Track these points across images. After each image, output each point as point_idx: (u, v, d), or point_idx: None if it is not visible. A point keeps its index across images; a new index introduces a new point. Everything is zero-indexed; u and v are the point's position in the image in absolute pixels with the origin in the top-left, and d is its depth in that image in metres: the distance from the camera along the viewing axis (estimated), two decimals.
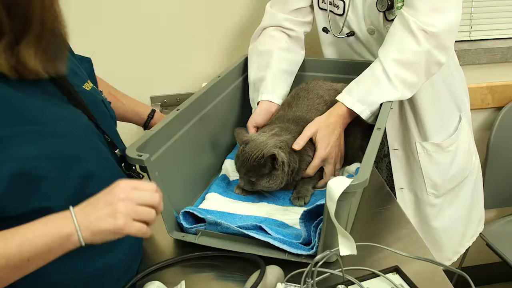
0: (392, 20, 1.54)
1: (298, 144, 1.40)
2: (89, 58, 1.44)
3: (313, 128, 1.44)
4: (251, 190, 1.43)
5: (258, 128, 1.56)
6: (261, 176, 1.37)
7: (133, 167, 1.27)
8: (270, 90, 1.63)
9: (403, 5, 1.51)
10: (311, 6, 1.77)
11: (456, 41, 2.33)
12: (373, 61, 1.53)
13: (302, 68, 1.81)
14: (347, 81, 1.57)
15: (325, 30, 1.76)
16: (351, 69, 1.69)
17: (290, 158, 1.39)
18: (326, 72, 1.81)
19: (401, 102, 1.69)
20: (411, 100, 1.67)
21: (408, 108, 1.70)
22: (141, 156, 1.18)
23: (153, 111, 1.64)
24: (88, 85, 1.22)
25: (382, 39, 1.56)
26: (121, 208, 0.92)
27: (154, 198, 0.99)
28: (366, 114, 1.45)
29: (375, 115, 1.45)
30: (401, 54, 1.46)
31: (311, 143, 1.45)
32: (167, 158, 1.32)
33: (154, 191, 0.99)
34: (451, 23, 1.48)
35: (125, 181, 0.97)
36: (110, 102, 1.34)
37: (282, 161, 1.35)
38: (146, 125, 1.64)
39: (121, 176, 1.19)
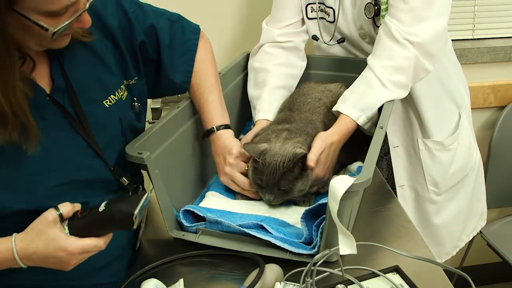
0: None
1: (313, 161, 1.33)
2: (196, 28, 1.47)
3: (323, 144, 1.38)
4: (278, 203, 1.36)
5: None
6: (293, 181, 1.32)
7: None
8: (267, 108, 1.64)
9: (386, 13, 1.51)
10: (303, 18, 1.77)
11: (458, 40, 2.35)
12: None
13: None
14: (348, 79, 1.57)
15: (315, 38, 1.77)
16: (352, 67, 1.68)
17: None
18: (326, 70, 1.82)
19: (402, 100, 1.69)
20: (411, 98, 1.67)
21: (409, 105, 1.70)
22: (141, 154, 1.18)
23: (211, 130, 1.41)
24: (112, 98, 1.21)
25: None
26: (71, 266, 1.04)
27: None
28: (362, 120, 1.44)
29: (372, 121, 1.45)
30: (391, 60, 1.46)
31: None
32: (167, 156, 1.32)
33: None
34: (435, 32, 1.47)
35: (71, 247, 1.01)
36: (140, 115, 1.31)
37: None
38: (203, 138, 1.46)
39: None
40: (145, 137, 1.25)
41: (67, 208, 1.03)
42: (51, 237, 0.99)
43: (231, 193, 1.42)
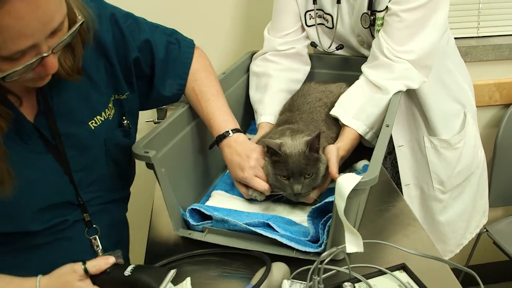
0: None
1: (336, 172, 1.31)
2: (190, 42, 1.45)
3: (338, 157, 1.35)
4: (305, 195, 1.32)
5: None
6: (316, 165, 1.30)
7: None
8: (269, 112, 1.65)
9: (381, 28, 1.53)
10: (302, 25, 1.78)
11: (463, 38, 2.35)
12: None
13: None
14: (351, 78, 1.57)
15: (313, 45, 1.78)
16: (356, 65, 1.68)
17: None
18: (329, 69, 1.83)
19: (406, 99, 1.69)
20: (415, 97, 1.67)
21: (413, 104, 1.70)
22: (147, 152, 1.18)
23: (225, 135, 1.37)
24: (98, 119, 1.20)
25: None
26: None
27: None
28: (363, 129, 1.45)
29: (374, 131, 1.47)
30: (391, 73, 1.48)
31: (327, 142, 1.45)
32: (173, 155, 1.32)
33: None
34: (429, 46, 1.49)
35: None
36: (129, 131, 1.30)
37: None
38: (212, 146, 1.42)
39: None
40: (151, 136, 1.26)
41: (92, 263, 1.06)
42: None
43: (237, 192, 1.42)
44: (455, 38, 1.77)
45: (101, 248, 1.23)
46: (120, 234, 1.37)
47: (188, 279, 1.12)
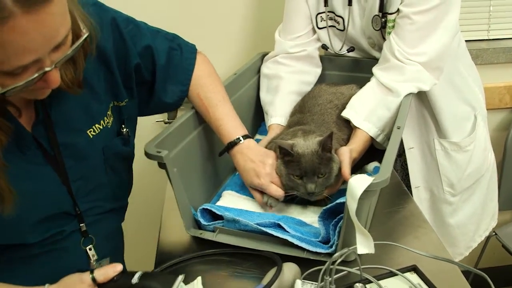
0: None
1: (348, 173, 1.31)
2: (192, 48, 1.42)
3: (350, 159, 1.36)
4: (318, 194, 1.31)
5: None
6: (329, 164, 1.30)
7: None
8: (279, 113, 1.65)
9: (392, 31, 1.53)
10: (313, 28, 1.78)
11: (474, 40, 2.34)
12: None
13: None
14: (362, 80, 1.58)
15: (324, 47, 1.78)
16: (367, 67, 1.68)
17: None
18: (341, 70, 1.83)
19: (416, 102, 1.69)
20: (426, 100, 1.67)
21: (424, 106, 1.70)
22: (160, 152, 1.19)
23: (236, 141, 1.36)
24: (97, 128, 1.18)
25: None
26: None
27: None
28: (374, 131, 1.46)
29: (385, 133, 1.47)
30: (402, 75, 1.49)
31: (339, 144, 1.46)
32: (185, 155, 1.33)
33: None
34: (441, 48, 1.50)
35: None
36: (128, 139, 1.28)
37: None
38: (222, 153, 1.42)
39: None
40: (163, 136, 1.26)
41: (100, 272, 1.06)
42: None
43: (248, 192, 1.43)
44: (465, 40, 1.77)
45: (96, 258, 1.22)
46: (115, 243, 1.35)
47: (199, 279, 1.12)
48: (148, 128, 2.17)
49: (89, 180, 1.18)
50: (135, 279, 1.05)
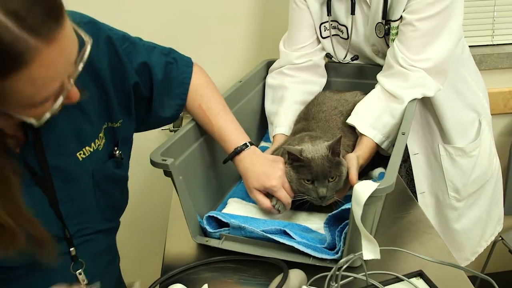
0: None
1: (356, 178, 1.33)
2: (188, 61, 1.41)
3: (358, 165, 1.37)
4: (329, 199, 1.31)
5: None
6: (339, 168, 1.31)
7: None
8: (284, 123, 1.66)
9: (396, 38, 1.53)
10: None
11: (478, 46, 2.35)
12: None
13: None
14: (367, 86, 1.58)
15: (328, 56, 1.79)
16: (372, 73, 1.69)
17: None
18: (345, 77, 1.84)
19: (420, 108, 1.70)
20: (430, 106, 1.67)
21: (428, 112, 1.70)
22: (165, 160, 1.20)
23: (243, 147, 1.36)
24: (87, 150, 1.15)
25: None
26: None
27: None
28: (379, 138, 1.46)
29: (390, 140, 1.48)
30: (406, 82, 1.49)
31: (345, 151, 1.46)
32: (190, 163, 1.34)
33: None
34: (444, 53, 1.50)
35: None
36: (121, 162, 1.25)
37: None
38: (228, 159, 1.39)
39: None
40: (168, 144, 1.27)
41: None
42: None
43: (253, 199, 1.43)
44: (469, 46, 1.78)
45: (86, 282, 1.19)
46: (106, 262, 1.30)
47: (206, 286, 1.13)
48: (153, 136, 2.17)
49: (78, 202, 1.15)
50: None
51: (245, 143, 1.36)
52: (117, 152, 1.24)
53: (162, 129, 2.22)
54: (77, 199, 1.15)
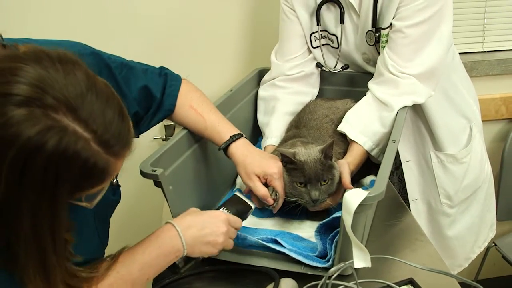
0: None
1: (349, 183, 1.33)
2: (177, 77, 1.42)
3: (350, 171, 1.37)
4: (322, 202, 1.32)
5: None
6: (331, 171, 1.32)
7: None
8: (274, 134, 1.66)
9: (386, 45, 1.54)
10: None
11: (469, 52, 2.36)
12: None
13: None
14: (359, 94, 1.58)
15: (319, 65, 1.79)
16: (363, 81, 1.69)
17: None
18: (337, 85, 1.83)
19: (412, 115, 1.70)
20: (421, 113, 1.68)
21: (419, 119, 1.71)
22: (155, 171, 1.19)
23: (239, 135, 1.39)
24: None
25: None
26: (220, 240, 1.14)
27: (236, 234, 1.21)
28: (369, 145, 1.47)
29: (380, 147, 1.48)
30: (396, 89, 1.49)
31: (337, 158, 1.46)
32: (181, 173, 1.33)
33: (239, 227, 1.21)
34: (435, 59, 1.50)
35: (223, 215, 1.18)
36: (118, 188, 1.28)
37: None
38: (226, 148, 1.38)
39: None
40: (158, 154, 1.26)
41: None
42: None
43: None
44: (460, 53, 1.79)
45: None
46: None
47: None
48: (145, 145, 2.17)
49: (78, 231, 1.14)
50: None
51: (239, 133, 1.38)
52: (114, 180, 1.26)
53: (154, 138, 2.21)
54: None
